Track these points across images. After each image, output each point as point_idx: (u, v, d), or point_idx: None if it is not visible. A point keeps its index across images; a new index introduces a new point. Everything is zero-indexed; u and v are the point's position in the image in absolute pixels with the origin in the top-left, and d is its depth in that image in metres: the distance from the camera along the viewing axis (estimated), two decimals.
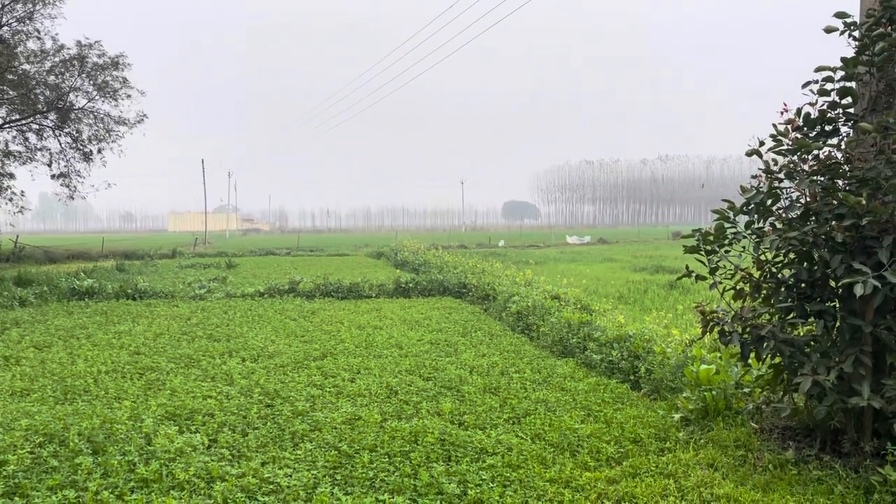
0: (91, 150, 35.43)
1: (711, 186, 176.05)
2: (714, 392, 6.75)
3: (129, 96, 35.04)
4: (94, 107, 34.64)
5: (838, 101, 5.80)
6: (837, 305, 5.65)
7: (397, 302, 17.13)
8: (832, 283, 5.64)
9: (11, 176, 34.01)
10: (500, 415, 7.08)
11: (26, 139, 34.22)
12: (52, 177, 35.53)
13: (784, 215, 5.84)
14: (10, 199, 34.05)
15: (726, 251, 6.05)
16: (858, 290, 4.80)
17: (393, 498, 4.94)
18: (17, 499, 4.83)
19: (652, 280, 21.59)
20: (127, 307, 15.92)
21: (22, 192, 34.58)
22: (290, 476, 5.36)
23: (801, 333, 5.92)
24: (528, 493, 5.11)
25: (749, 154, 6.00)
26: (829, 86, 5.78)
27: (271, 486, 5.15)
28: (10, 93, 30.55)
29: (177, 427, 6.57)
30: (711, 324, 6.07)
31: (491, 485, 5.21)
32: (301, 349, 10.59)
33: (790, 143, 5.77)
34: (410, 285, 18.84)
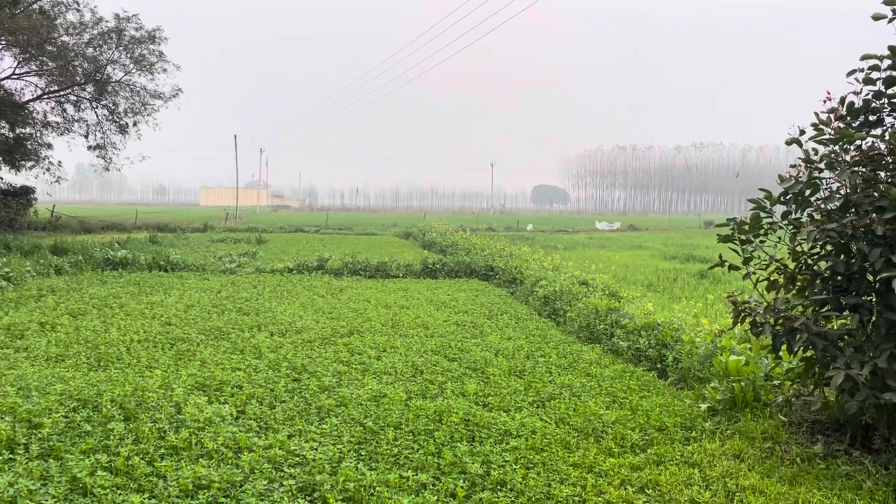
0: (127, 123, 35.89)
1: (746, 176, 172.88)
2: (743, 383, 6.67)
3: (164, 70, 35.38)
4: (130, 80, 35.03)
5: (884, 90, 5.64)
6: (874, 300, 5.54)
7: (424, 282, 17.18)
8: (869, 277, 5.53)
9: (49, 146, 34.56)
10: (525, 398, 7.09)
11: (64, 110, 34.76)
12: (89, 148, 36.08)
13: (823, 206, 5.73)
14: (48, 170, 34.64)
15: (761, 241, 5.96)
16: None
17: (417, 475, 4.98)
18: (51, 461, 4.96)
19: (682, 268, 21.36)
20: (159, 278, 16.19)
21: (59, 162, 35.16)
22: (316, 449, 5.43)
23: (835, 327, 5.82)
24: (550, 476, 5.12)
25: (789, 143, 5.88)
26: (874, 75, 5.62)
27: (297, 459, 5.23)
28: (50, 64, 30.97)
29: (206, 397, 6.68)
30: (743, 314, 5.99)
31: (514, 466, 5.23)
32: (328, 326, 10.69)
33: (832, 132, 5.64)
34: (437, 266, 18.87)
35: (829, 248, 5.78)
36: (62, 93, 33.77)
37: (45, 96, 33.50)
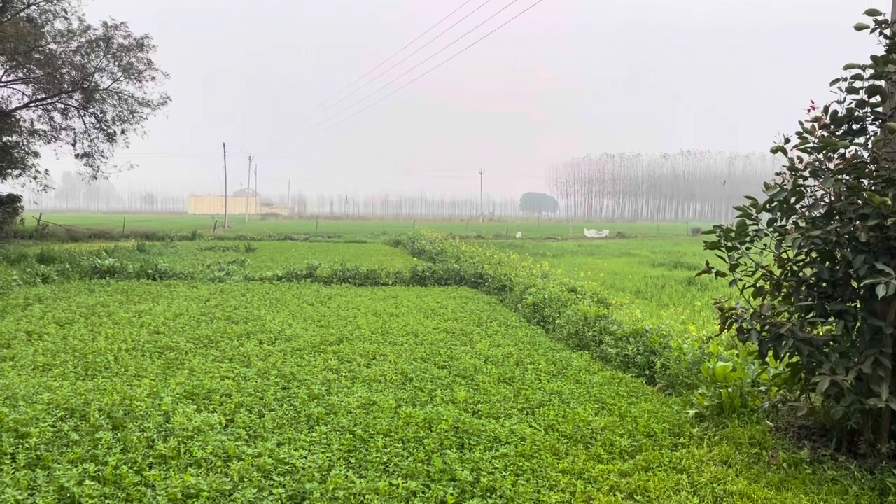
0: (115, 131, 35.74)
1: (733, 183, 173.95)
2: (730, 389, 6.72)
3: (153, 78, 35.27)
4: (118, 88, 34.92)
5: (867, 99, 5.72)
6: (858, 306, 5.60)
7: (413, 290, 17.18)
8: (854, 284, 5.59)
9: (36, 154, 34.39)
10: (514, 405, 7.11)
11: (51, 118, 34.60)
12: (76, 156, 35.93)
13: (808, 213, 5.80)
14: (35, 178, 34.46)
15: (747, 248, 6.02)
16: (880, 291, 4.76)
17: (406, 483, 4.99)
18: (38, 470, 4.93)
19: (670, 276, 21.47)
20: (147, 287, 16.11)
21: (46, 170, 34.98)
22: (306, 457, 5.42)
23: (821, 333, 5.88)
24: (540, 482, 5.14)
25: (774, 151, 5.94)
26: (857, 84, 5.70)
27: (287, 467, 5.22)
28: (37, 72, 30.85)
29: (195, 406, 6.66)
30: (730, 321, 6.05)
31: (504, 473, 5.24)
32: (318, 334, 10.67)
33: (816, 140, 5.71)
34: (427, 274, 18.88)
35: (814, 254, 5.84)
36: (49, 101, 33.60)
37: (33, 104, 33.34)
